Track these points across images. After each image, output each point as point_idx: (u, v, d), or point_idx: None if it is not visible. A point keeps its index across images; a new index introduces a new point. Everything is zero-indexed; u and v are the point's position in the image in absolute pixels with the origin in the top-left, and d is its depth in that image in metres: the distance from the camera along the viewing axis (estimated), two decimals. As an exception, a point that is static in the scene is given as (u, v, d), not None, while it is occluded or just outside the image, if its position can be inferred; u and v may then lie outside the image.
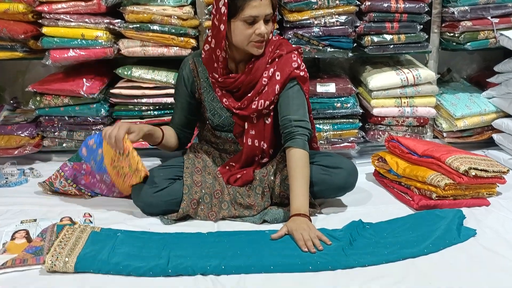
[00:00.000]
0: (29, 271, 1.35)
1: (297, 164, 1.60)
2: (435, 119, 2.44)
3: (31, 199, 1.89)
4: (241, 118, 1.73)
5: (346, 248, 1.43)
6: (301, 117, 1.67)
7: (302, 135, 1.64)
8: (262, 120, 1.73)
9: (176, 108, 1.86)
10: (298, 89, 1.70)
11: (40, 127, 2.34)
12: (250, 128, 1.74)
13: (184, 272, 1.33)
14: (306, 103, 1.72)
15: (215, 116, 1.77)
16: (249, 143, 1.74)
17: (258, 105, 1.68)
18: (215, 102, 1.76)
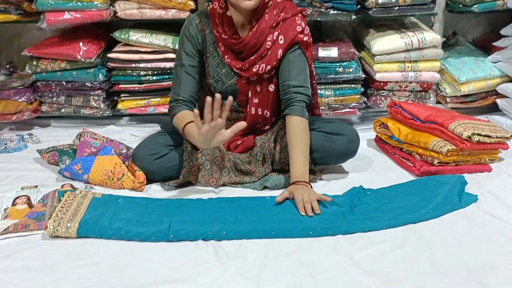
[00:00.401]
0: (31, 236, 1.36)
1: (295, 132, 1.58)
2: (439, 84, 2.41)
3: (31, 165, 1.89)
4: (244, 83, 1.69)
5: (346, 213, 1.43)
6: (300, 82, 1.63)
7: (301, 101, 1.62)
8: (266, 87, 1.70)
9: (185, 75, 1.68)
10: (299, 53, 1.66)
11: (38, 92, 2.31)
12: (253, 96, 1.70)
13: (186, 237, 1.33)
14: (308, 69, 1.68)
15: (219, 83, 1.73)
16: (253, 112, 1.72)
17: (259, 69, 1.65)
18: (220, 68, 1.71)
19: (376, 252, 1.27)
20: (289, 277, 1.17)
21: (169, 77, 2.27)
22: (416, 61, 2.29)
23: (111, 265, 1.23)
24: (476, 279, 1.15)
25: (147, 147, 1.70)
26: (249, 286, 1.14)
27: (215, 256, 1.26)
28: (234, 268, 1.21)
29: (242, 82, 1.70)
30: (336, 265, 1.22)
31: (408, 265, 1.22)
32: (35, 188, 1.63)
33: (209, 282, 1.15)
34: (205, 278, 1.17)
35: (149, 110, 2.32)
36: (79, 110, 2.31)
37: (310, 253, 1.27)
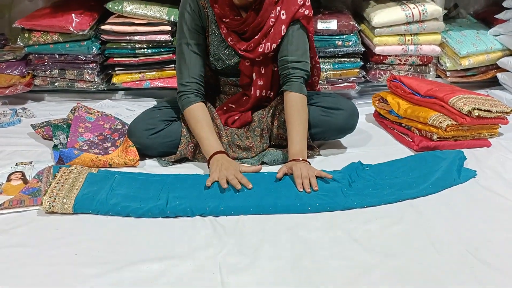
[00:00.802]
0: (26, 212, 1.35)
1: (293, 109, 1.55)
2: (439, 57, 2.37)
3: (25, 140, 1.86)
4: (248, 65, 1.65)
5: (345, 189, 1.42)
6: (299, 57, 1.60)
7: (298, 77, 1.58)
8: (271, 68, 1.66)
9: (191, 54, 1.60)
10: (298, 27, 1.61)
11: (31, 65, 2.26)
12: (258, 78, 1.66)
13: (183, 213, 1.32)
14: (308, 43, 1.64)
15: (219, 62, 1.68)
16: (257, 94, 1.68)
17: (265, 48, 1.60)
18: (221, 47, 1.66)
19: (375, 228, 1.27)
20: (287, 253, 1.17)
21: (164, 50, 2.22)
22: (417, 34, 2.25)
23: (108, 241, 1.22)
24: (474, 255, 1.15)
25: (143, 122, 1.67)
26: (247, 262, 1.13)
27: (212, 232, 1.25)
28: (232, 244, 1.20)
29: (245, 64, 1.66)
30: (334, 241, 1.22)
31: (406, 241, 1.21)
32: (30, 164, 1.61)
33: (207, 258, 1.15)
34: (202, 254, 1.16)
35: (144, 84, 2.28)
36: (72, 84, 2.27)
37: (308, 228, 1.27)
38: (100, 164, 1.59)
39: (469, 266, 1.11)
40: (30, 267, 1.11)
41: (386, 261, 1.13)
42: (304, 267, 1.11)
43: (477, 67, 2.35)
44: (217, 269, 1.11)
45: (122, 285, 1.06)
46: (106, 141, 1.76)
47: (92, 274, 1.09)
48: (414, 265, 1.12)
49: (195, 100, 1.59)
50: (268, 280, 1.07)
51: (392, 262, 1.13)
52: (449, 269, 1.10)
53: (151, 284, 1.06)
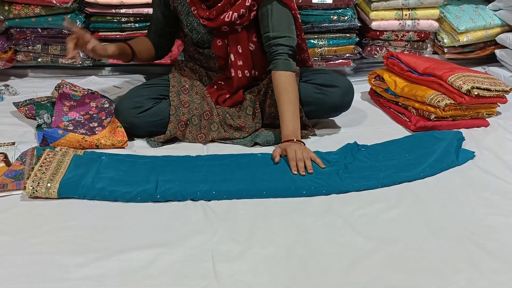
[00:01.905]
0: (9, 197, 1.29)
1: (281, 87, 1.49)
2: (436, 33, 2.31)
3: (7, 118, 1.78)
4: (221, 45, 1.60)
5: (340, 172, 1.38)
6: (281, 33, 1.52)
7: (283, 54, 1.51)
8: (247, 46, 1.60)
9: (152, 18, 1.75)
10: (276, 3, 1.53)
11: (12, 40, 2.16)
12: (237, 59, 1.60)
13: (173, 197, 1.28)
14: (291, 17, 1.55)
15: (193, 32, 1.62)
16: (239, 75, 1.62)
17: (226, 16, 1.53)
18: (191, 16, 1.59)
19: (371, 212, 1.23)
20: (281, 239, 1.13)
21: (152, 25, 2.13)
22: (415, 9, 2.18)
23: (95, 228, 1.17)
24: (472, 239, 1.13)
25: (131, 100, 1.60)
26: (240, 249, 1.10)
27: (204, 218, 1.21)
28: (224, 230, 1.16)
29: (218, 45, 1.59)
30: (329, 226, 1.18)
31: (402, 226, 1.18)
32: (13, 146, 1.54)
33: (199, 245, 1.11)
34: (194, 241, 1.12)
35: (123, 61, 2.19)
36: (56, 59, 2.18)
37: (302, 213, 1.23)
38: (87, 145, 1.52)
39: (467, 252, 1.09)
40: (12, 257, 1.06)
41: (383, 247, 1.10)
42: (299, 254, 1.08)
43: (475, 43, 2.29)
44: (209, 257, 1.07)
45: (110, 275, 1.01)
46: (93, 121, 1.69)
47: (78, 263, 1.04)
48: (410, 251, 1.09)
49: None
50: (261, 268, 1.04)
51: (388, 248, 1.10)
52: (446, 255, 1.08)
53: (140, 273, 1.02)
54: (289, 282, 1.00)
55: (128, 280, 1.00)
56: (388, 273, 1.02)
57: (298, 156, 1.38)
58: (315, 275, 1.01)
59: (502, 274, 1.02)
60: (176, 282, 1.00)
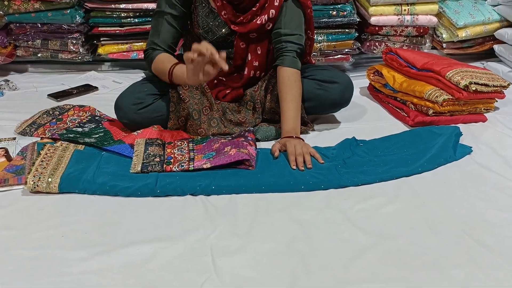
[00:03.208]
0: (10, 191, 1.30)
1: (286, 84, 1.50)
2: (435, 28, 2.31)
3: (8, 114, 1.79)
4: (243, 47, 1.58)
5: (339, 167, 1.39)
6: (292, 30, 1.54)
7: (291, 51, 1.53)
8: (266, 47, 1.60)
9: (167, 25, 1.57)
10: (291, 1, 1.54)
11: (12, 35, 2.16)
12: (253, 59, 1.60)
13: (173, 192, 1.28)
14: (303, 16, 1.58)
15: (209, 34, 1.60)
16: (251, 74, 1.63)
17: (258, 20, 1.52)
18: (210, 18, 1.59)
19: (369, 207, 1.24)
20: (281, 234, 1.14)
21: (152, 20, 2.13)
22: (413, 4, 2.18)
23: (96, 222, 1.18)
24: (470, 235, 1.14)
25: (131, 96, 1.60)
26: (240, 244, 1.10)
27: (204, 213, 1.21)
28: (224, 225, 1.17)
29: (240, 46, 1.59)
30: (329, 221, 1.19)
31: (401, 221, 1.19)
32: (13, 141, 1.55)
33: (199, 240, 1.12)
34: (194, 236, 1.13)
35: (132, 56, 2.20)
36: (56, 54, 2.19)
37: (302, 208, 1.24)
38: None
39: (465, 247, 1.10)
40: (15, 251, 1.07)
41: (382, 243, 1.11)
42: (299, 249, 1.09)
43: (474, 38, 2.30)
44: (209, 252, 1.08)
45: (111, 269, 1.02)
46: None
47: (79, 257, 1.05)
48: (409, 246, 1.10)
49: (160, 52, 1.55)
50: (261, 263, 1.05)
51: (387, 243, 1.11)
52: (445, 250, 1.09)
53: (141, 267, 1.03)
54: (289, 276, 1.01)
55: (129, 274, 1.01)
56: (387, 268, 1.03)
57: (297, 151, 1.39)
58: (315, 270, 1.02)
59: (501, 269, 1.03)
60: (177, 276, 1.01)
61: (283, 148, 1.44)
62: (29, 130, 1.62)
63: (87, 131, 1.58)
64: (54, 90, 2.01)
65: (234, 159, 1.35)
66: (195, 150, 1.45)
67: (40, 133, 1.59)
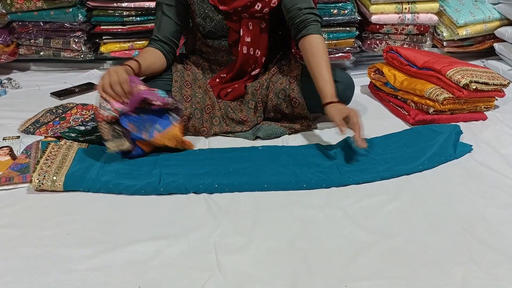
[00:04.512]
0: (15, 190, 1.31)
1: (318, 50, 1.51)
2: (436, 27, 2.32)
3: (11, 112, 1.80)
4: (235, 19, 1.59)
5: (340, 165, 1.40)
6: (309, 4, 1.57)
7: (316, 21, 1.56)
8: (258, 25, 1.61)
9: (163, 15, 1.63)
10: None
11: (14, 33, 2.17)
12: (246, 34, 1.61)
13: (177, 190, 1.30)
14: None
15: (206, 21, 1.62)
16: (244, 51, 1.63)
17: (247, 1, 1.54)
18: (205, 3, 1.60)
19: (370, 205, 1.26)
20: (283, 232, 1.15)
21: (154, 18, 2.13)
22: (414, 2, 2.19)
23: (101, 220, 1.19)
24: (471, 233, 1.15)
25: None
26: (243, 241, 1.12)
27: (207, 211, 1.23)
28: (227, 223, 1.18)
29: (233, 18, 1.60)
30: (330, 219, 1.20)
31: (402, 219, 1.20)
32: (18, 139, 1.56)
33: (202, 238, 1.13)
34: (197, 234, 1.14)
35: (134, 54, 2.21)
36: (59, 53, 2.20)
37: (303, 206, 1.25)
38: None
39: (466, 245, 1.11)
40: (20, 249, 1.09)
41: (382, 241, 1.12)
42: (300, 247, 1.10)
43: (474, 37, 2.31)
44: (212, 249, 1.09)
45: (115, 266, 1.04)
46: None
47: (85, 255, 1.07)
48: (410, 244, 1.11)
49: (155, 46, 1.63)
50: (264, 261, 1.06)
51: (388, 241, 1.12)
52: (445, 248, 1.10)
53: (144, 265, 1.04)
54: (291, 274, 1.02)
55: (133, 271, 1.03)
56: (388, 265, 1.05)
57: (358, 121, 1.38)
58: (317, 268, 1.04)
59: (500, 267, 1.04)
60: (180, 274, 1.02)
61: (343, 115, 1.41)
62: (32, 128, 1.63)
63: (89, 130, 1.59)
64: (57, 89, 2.03)
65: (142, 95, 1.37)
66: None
67: (42, 131, 1.60)
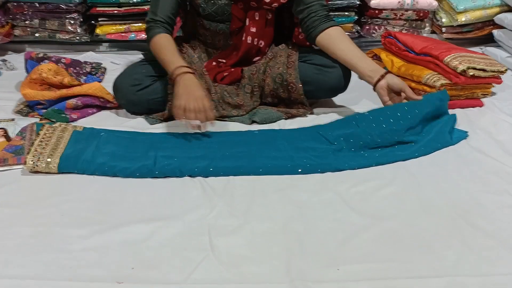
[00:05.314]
0: (10, 171, 1.31)
1: (345, 37, 1.58)
2: (435, 12, 2.30)
3: (6, 94, 1.78)
4: (241, 9, 1.58)
5: (336, 150, 1.40)
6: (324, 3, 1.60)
7: (331, 18, 1.61)
8: (264, 15, 1.59)
9: None
10: None
11: (9, 14, 2.14)
12: (251, 25, 1.60)
13: (172, 174, 1.30)
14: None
15: (209, 4, 1.59)
16: (249, 41, 1.62)
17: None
18: None
19: (365, 190, 1.26)
20: (278, 214, 1.16)
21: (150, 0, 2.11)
22: (414, -13, 2.17)
23: (95, 202, 1.19)
24: (464, 218, 1.16)
25: (129, 77, 1.60)
26: (238, 223, 1.12)
27: (202, 194, 1.23)
28: (222, 205, 1.19)
29: (238, 7, 1.58)
30: (325, 202, 1.21)
31: (396, 204, 1.21)
32: (12, 121, 1.56)
33: (197, 219, 1.13)
34: (192, 216, 1.15)
35: (130, 36, 2.19)
36: (54, 34, 2.17)
37: (298, 190, 1.25)
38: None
39: (458, 229, 1.12)
40: (15, 228, 1.09)
41: (377, 224, 1.13)
42: (295, 229, 1.11)
43: (473, 23, 2.29)
44: (206, 231, 1.09)
45: (110, 247, 1.04)
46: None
47: (79, 235, 1.07)
48: (404, 228, 1.12)
49: (160, 31, 1.55)
50: (258, 243, 1.07)
51: (382, 225, 1.13)
52: (439, 232, 1.11)
53: (139, 246, 1.05)
54: (285, 256, 1.03)
55: (128, 251, 1.03)
56: (381, 248, 1.05)
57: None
58: (311, 249, 1.05)
59: (492, 250, 1.05)
60: (175, 254, 1.02)
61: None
62: (26, 110, 1.63)
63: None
64: (52, 71, 2.00)
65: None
66: None
67: (35, 114, 1.60)
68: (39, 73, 1.61)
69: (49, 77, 1.60)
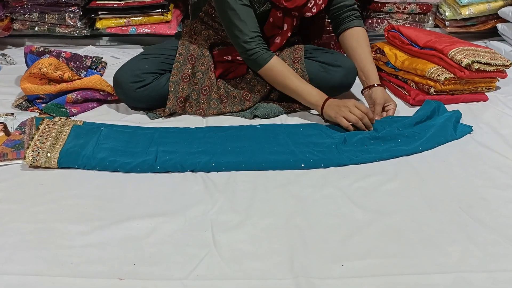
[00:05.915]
0: (9, 166, 1.30)
1: (365, 41, 1.66)
2: (438, 6, 2.28)
3: (5, 88, 1.78)
4: (280, 16, 1.56)
5: (339, 145, 1.38)
6: (353, 2, 1.68)
7: (359, 17, 1.69)
8: (296, 23, 1.63)
9: (241, 7, 1.48)
10: None
11: (8, 7, 2.13)
12: (289, 30, 1.61)
13: (173, 169, 1.28)
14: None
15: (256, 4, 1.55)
16: (282, 43, 1.63)
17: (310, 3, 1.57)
18: None
19: (368, 185, 1.25)
20: (280, 210, 1.15)
21: (151, -6, 2.10)
22: (417, -20, 2.14)
23: (96, 197, 1.18)
24: (467, 212, 1.14)
25: (130, 74, 1.57)
26: (239, 219, 1.11)
27: (204, 189, 1.22)
28: (224, 201, 1.17)
29: (277, 15, 1.55)
30: (328, 197, 1.19)
31: (399, 199, 1.20)
32: (12, 116, 1.54)
33: (198, 215, 1.12)
34: (194, 211, 1.13)
35: (130, 30, 2.17)
36: (54, 28, 2.16)
37: (301, 185, 1.24)
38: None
39: (463, 224, 1.11)
40: (15, 224, 1.08)
41: (380, 219, 1.12)
42: (297, 225, 1.09)
43: (477, 16, 2.27)
44: (208, 227, 1.08)
45: (110, 243, 1.03)
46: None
47: (79, 231, 1.06)
48: (407, 223, 1.11)
49: (269, 55, 1.52)
50: (260, 238, 1.05)
51: (385, 220, 1.12)
52: (442, 227, 1.09)
53: (140, 241, 1.04)
54: (287, 251, 1.01)
55: (129, 247, 1.02)
56: (384, 243, 1.04)
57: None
58: (313, 245, 1.03)
59: (497, 246, 1.04)
60: (177, 250, 1.01)
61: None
62: (25, 104, 1.61)
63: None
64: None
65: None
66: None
67: (35, 108, 1.59)
68: (39, 68, 1.59)
69: (49, 72, 1.59)
